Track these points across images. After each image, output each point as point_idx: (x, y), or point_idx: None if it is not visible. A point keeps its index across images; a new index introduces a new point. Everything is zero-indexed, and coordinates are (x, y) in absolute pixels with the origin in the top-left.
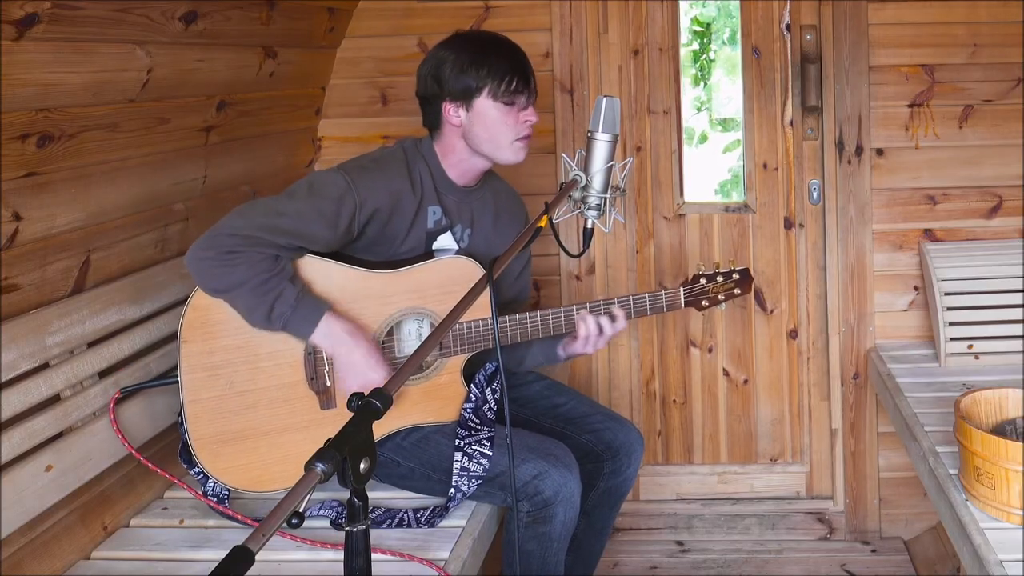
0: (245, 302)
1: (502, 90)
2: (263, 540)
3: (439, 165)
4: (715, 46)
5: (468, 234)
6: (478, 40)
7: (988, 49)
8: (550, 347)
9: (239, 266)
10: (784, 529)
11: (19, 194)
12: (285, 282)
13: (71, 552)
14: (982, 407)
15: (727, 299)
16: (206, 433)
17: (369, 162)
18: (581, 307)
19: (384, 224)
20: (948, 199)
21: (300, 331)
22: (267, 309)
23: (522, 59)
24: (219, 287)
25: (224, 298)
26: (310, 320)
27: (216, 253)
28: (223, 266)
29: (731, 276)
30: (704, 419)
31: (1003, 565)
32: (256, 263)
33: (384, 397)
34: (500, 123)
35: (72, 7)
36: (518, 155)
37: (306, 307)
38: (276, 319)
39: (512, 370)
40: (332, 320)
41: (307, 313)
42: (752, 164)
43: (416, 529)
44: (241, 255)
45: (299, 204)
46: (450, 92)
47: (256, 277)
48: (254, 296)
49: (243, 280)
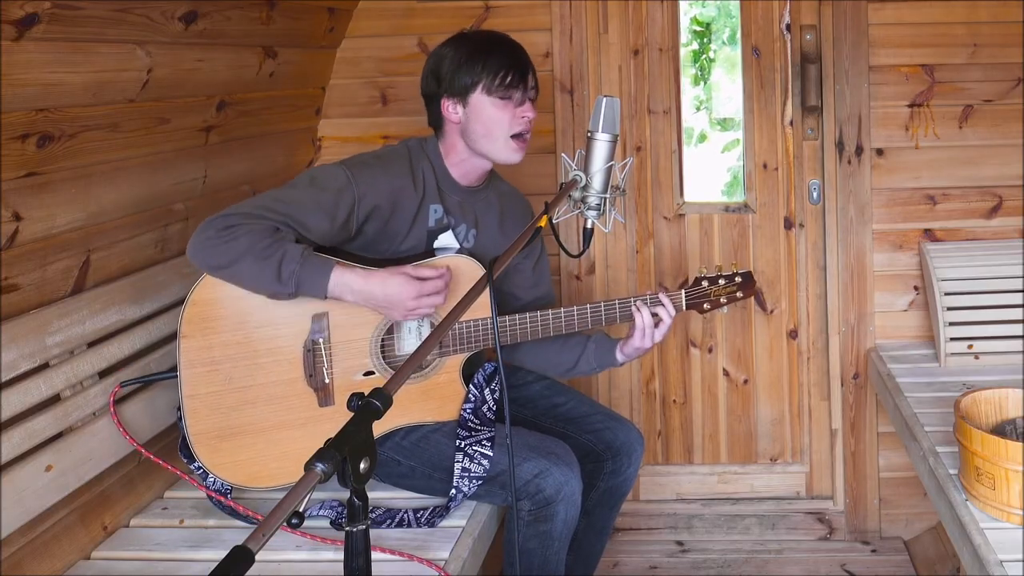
0: (251, 271)
1: (496, 84)
2: (263, 540)
3: (442, 164)
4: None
5: (473, 235)
6: (478, 38)
7: (988, 49)
8: (607, 354)
9: (240, 238)
10: (784, 529)
11: (19, 194)
12: (288, 243)
13: (71, 552)
14: (982, 407)
15: (729, 302)
16: (204, 428)
17: (372, 158)
18: (582, 308)
19: (385, 221)
20: (948, 199)
21: (314, 285)
22: (275, 271)
23: (520, 55)
24: (222, 262)
25: (229, 274)
26: (322, 273)
27: (215, 231)
28: (224, 242)
29: (733, 279)
30: (704, 419)
31: (1003, 565)
32: (256, 232)
33: (384, 397)
34: (495, 119)
35: (72, 7)
36: (513, 155)
37: (314, 262)
38: (287, 279)
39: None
40: (343, 270)
41: (317, 266)
42: (752, 164)
43: (416, 529)
44: (240, 227)
45: (299, 193)
46: (448, 88)
47: (258, 244)
48: (258, 263)
49: (245, 250)
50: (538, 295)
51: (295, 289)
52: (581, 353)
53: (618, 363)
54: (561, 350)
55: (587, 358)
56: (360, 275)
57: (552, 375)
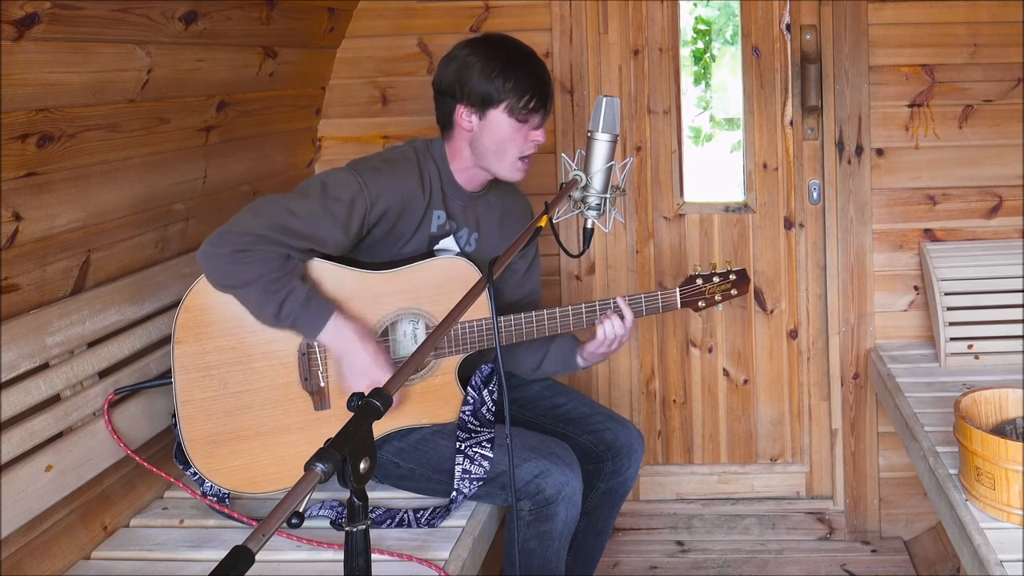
0: (255, 300)
1: (519, 106)
2: (263, 540)
3: (448, 169)
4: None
5: (475, 238)
6: (508, 50)
7: (988, 49)
8: (569, 355)
9: (251, 264)
10: (784, 529)
11: (19, 194)
12: (296, 281)
13: (71, 552)
14: (982, 407)
15: (724, 300)
16: (199, 434)
17: (381, 162)
18: (577, 308)
19: (392, 224)
20: (948, 199)
21: (308, 330)
22: (276, 308)
23: (546, 79)
24: (230, 283)
25: (234, 294)
26: (319, 319)
27: (229, 250)
28: (235, 264)
29: (728, 277)
30: (704, 419)
31: (1003, 565)
32: (268, 261)
33: (384, 397)
34: (509, 138)
35: (72, 7)
36: (517, 174)
37: (315, 307)
38: (285, 318)
39: (525, 377)
40: (340, 320)
41: (316, 313)
42: (752, 164)
43: (416, 529)
44: (253, 253)
45: (312, 205)
46: (468, 96)
47: (267, 275)
48: (264, 294)
49: (254, 278)
50: (523, 295)
51: (290, 327)
52: (544, 354)
53: (579, 367)
54: (528, 350)
55: (550, 359)
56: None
57: (519, 374)
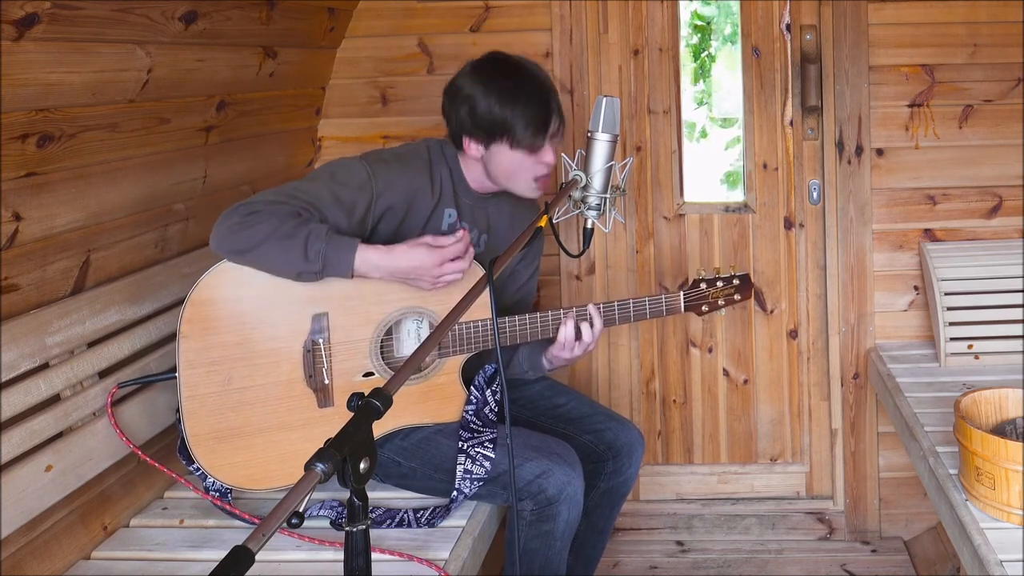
0: (277, 252)
1: (524, 139)
2: (263, 540)
3: (460, 171)
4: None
5: (484, 240)
6: (506, 80)
7: (988, 49)
8: (536, 356)
9: (263, 222)
10: (784, 529)
11: (19, 194)
12: (312, 223)
13: (71, 552)
14: (982, 407)
15: (727, 304)
16: (203, 429)
17: (392, 156)
18: (572, 309)
19: (399, 222)
20: (948, 199)
21: (340, 261)
22: (302, 250)
23: (549, 103)
24: (248, 245)
25: (254, 258)
26: (348, 248)
27: (239, 216)
28: (248, 226)
29: (731, 281)
30: (704, 419)
31: (1003, 565)
32: (280, 215)
33: (384, 397)
34: (518, 166)
35: (72, 7)
36: (534, 192)
37: (339, 240)
38: (314, 257)
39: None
40: (366, 248)
41: (342, 243)
42: (752, 164)
43: (416, 529)
44: (264, 212)
45: (318, 187)
46: (472, 131)
47: (282, 226)
48: (284, 242)
49: (270, 232)
50: (519, 299)
51: (322, 267)
52: (514, 353)
53: (546, 369)
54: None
55: (518, 359)
56: (383, 251)
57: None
